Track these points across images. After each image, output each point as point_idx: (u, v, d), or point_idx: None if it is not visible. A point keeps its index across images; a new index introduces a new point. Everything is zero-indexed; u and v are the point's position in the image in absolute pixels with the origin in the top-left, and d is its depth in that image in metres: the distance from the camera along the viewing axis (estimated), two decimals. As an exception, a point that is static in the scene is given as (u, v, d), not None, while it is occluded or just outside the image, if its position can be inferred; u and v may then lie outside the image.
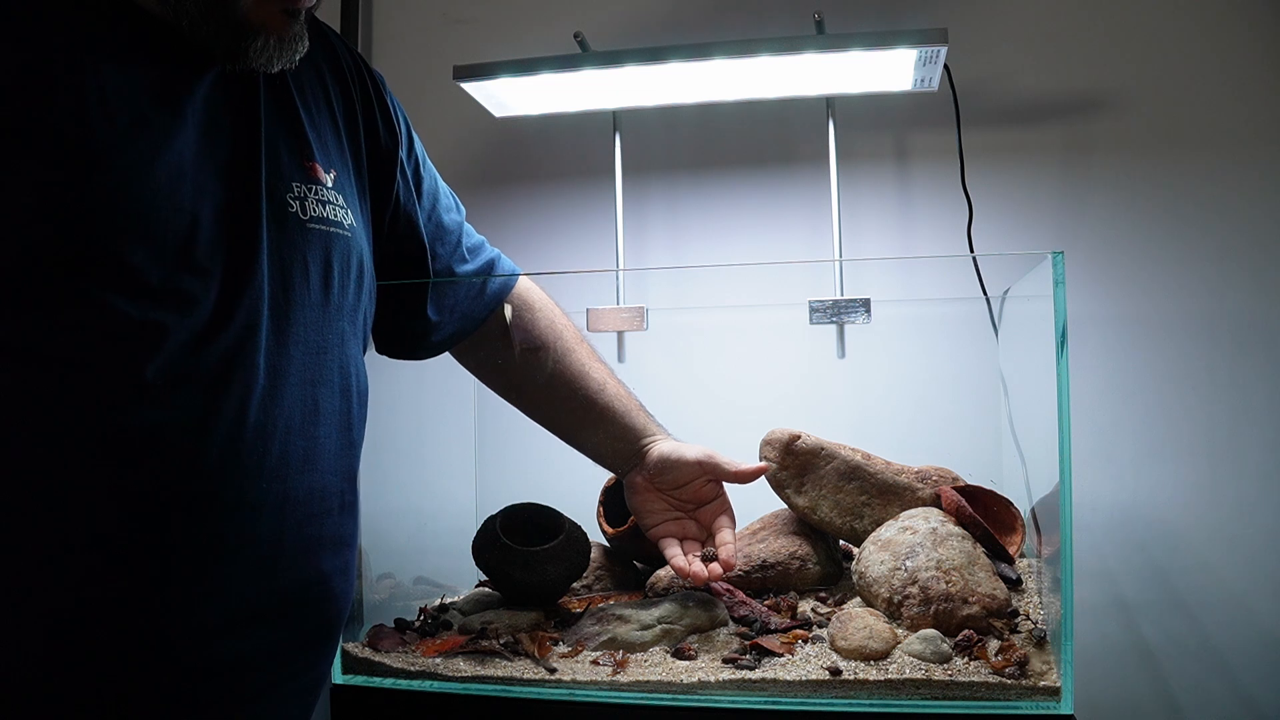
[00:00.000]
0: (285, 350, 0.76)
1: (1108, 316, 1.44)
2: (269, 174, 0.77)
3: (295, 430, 0.76)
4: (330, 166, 0.84)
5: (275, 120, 0.80)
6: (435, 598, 1.19)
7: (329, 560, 0.81)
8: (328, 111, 0.87)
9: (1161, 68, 1.45)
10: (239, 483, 0.71)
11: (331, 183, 0.83)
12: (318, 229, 0.80)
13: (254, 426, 0.72)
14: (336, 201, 0.83)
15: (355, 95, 0.92)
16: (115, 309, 0.65)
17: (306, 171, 0.81)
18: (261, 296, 0.73)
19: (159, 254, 0.67)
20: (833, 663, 0.90)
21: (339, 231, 0.82)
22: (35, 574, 0.64)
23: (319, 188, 0.81)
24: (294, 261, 0.77)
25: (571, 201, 1.64)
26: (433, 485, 1.41)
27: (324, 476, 0.79)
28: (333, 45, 0.92)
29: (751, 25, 1.57)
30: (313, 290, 0.79)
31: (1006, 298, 1.34)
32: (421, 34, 1.74)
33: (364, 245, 0.87)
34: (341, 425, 0.82)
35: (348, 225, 0.83)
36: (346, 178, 0.87)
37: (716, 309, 1.45)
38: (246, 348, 0.72)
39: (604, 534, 1.21)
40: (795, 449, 1.14)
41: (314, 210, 0.80)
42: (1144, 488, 1.41)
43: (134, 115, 0.68)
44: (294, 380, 0.76)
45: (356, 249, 0.85)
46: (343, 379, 0.82)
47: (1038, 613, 0.97)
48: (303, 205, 0.79)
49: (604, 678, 0.93)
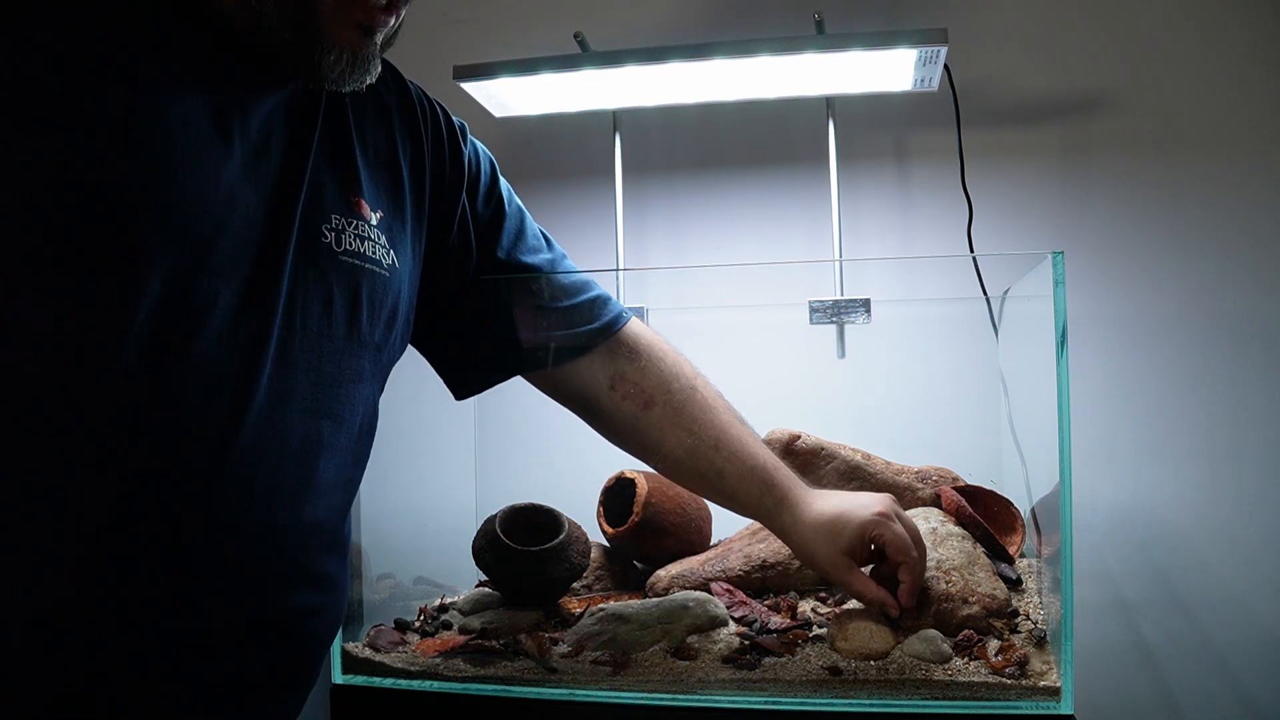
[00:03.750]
0: (292, 375, 0.74)
1: (1108, 316, 1.44)
2: (308, 200, 0.76)
3: (291, 458, 0.74)
4: (379, 206, 0.83)
5: (327, 150, 0.79)
6: (435, 598, 1.19)
7: (308, 598, 0.79)
8: (388, 153, 0.86)
9: (1161, 68, 1.45)
10: (221, 501, 0.70)
11: (376, 221, 0.82)
12: (350, 262, 0.78)
13: (244, 447, 0.70)
14: (378, 240, 0.81)
15: (426, 142, 0.90)
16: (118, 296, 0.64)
17: (351, 206, 0.80)
18: (274, 317, 0.72)
19: (174, 250, 0.66)
20: (833, 663, 0.90)
21: (374, 269, 0.80)
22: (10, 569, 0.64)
23: (361, 223, 0.80)
24: (317, 290, 0.76)
25: (571, 201, 1.64)
26: (433, 485, 1.41)
27: (316, 510, 0.77)
28: (408, 90, 0.91)
29: (751, 25, 1.57)
30: (335, 322, 0.77)
31: (1006, 298, 1.34)
32: (421, 34, 1.74)
33: (403, 288, 0.85)
34: (344, 461, 0.80)
35: (386, 265, 0.82)
36: (398, 221, 0.86)
37: (716, 309, 1.45)
38: (249, 365, 0.71)
39: (604, 534, 1.21)
40: (795, 449, 1.14)
41: (350, 244, 0.79)
42: (1144, 488, 1.41)
43: (184, 115, 0.68)
44: (296, 407, 0.74)
45: (394, 289, 0.83)
46: (353, 415, 0.80)
47: (1038, 613, 0.97)
48: (339, 237, 0.78)
49: (604, 678, 0.93)
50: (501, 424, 1.49)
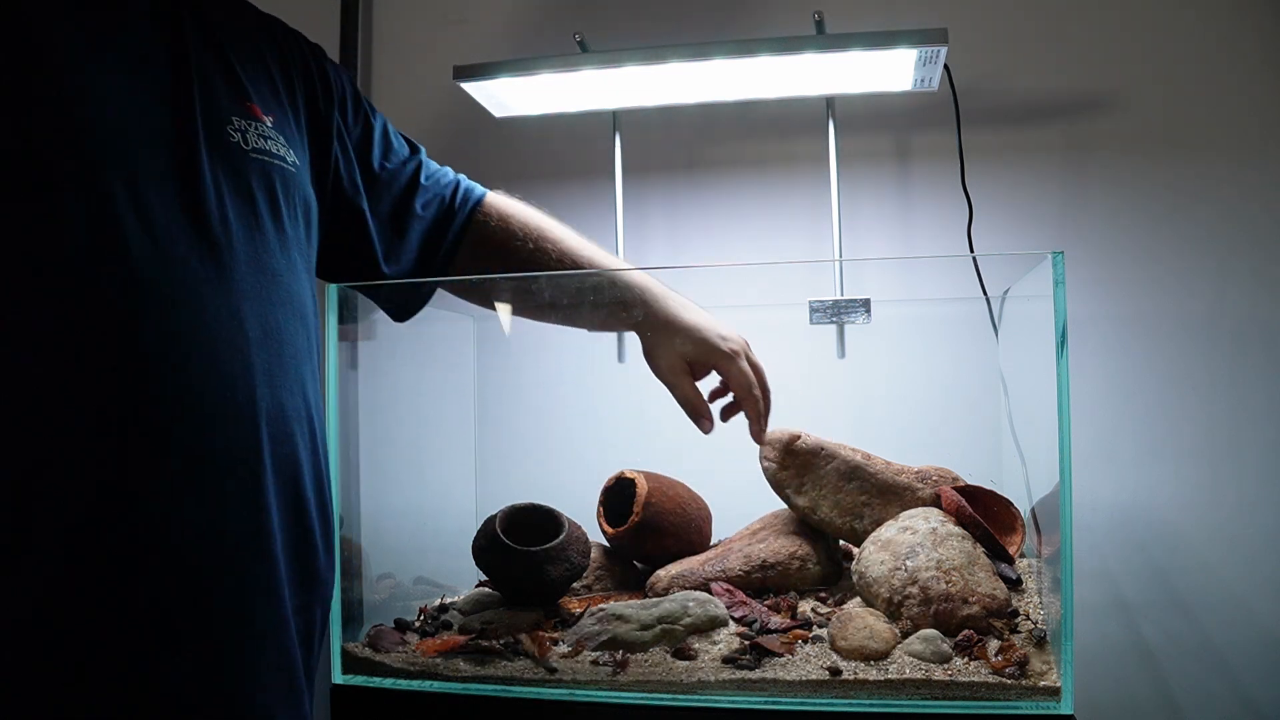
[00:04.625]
0: (238, 269, 0.76)
1: (1108, 316, 1.44)
2: (204, 103, 0.78)
3: (254, 346, 0.76)
4: (268, 111, 0.85)
5: (206, 59, 0.81)
6: (435, 598, 1.19)
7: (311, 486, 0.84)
8: (264, 69, 0.89)
9: (1161, 68, 1.45)
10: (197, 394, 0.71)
11: (271, 124, 0.84)
12: (261, 159, 0.81)
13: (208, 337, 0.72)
14: (277, 139, 0.84)
15: (295, 61, 0.94)
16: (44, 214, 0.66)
17: (246, 109, 0.82)
18: (206, 218, 0.74)
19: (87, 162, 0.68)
20: (833, 663, 0.90)
21: (282, 165, 0.83)
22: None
23: (259, 124, 0.82)
24: (238, 188, 0.78)
25: (571, 201, 1.64)
26: (433, 485, 1.41)
27: (292, 397, 0.79)
28: (264, 15, 0.95)
29: (751, 25, 1.57)
30: (262, 217, 0.79)
31: (1006, 298, 1.34)
32: (421, 34, 1.74)
33: (308, 184, 0.88)
34: (301, 349, 0.82)
35: (290, 161, 0.84)
36: (286, 123, 0.88)
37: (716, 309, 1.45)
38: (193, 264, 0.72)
39: (604, 534, 1.21)
40: (795, 449, 1.14)
41: (256, 143, 0.81)
42: (1144, 488, 1.41)
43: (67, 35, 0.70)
44: (250, 298, 0.76)
45: (302, 184, 0.86)
46: (301, 304, 0.83)
47: (1038, 613, 0.97)
48: (244, 137, 0.80)
49: (604, 678, 0.93)
50: (501, 424, 1.49)
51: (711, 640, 0.98)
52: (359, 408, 1.16)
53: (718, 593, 1.07)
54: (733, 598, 1.06)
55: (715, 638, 0.99)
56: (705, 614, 1.01)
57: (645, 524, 1.17)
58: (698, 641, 0.98)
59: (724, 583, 1.09)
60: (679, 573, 1.13)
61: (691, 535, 1.20)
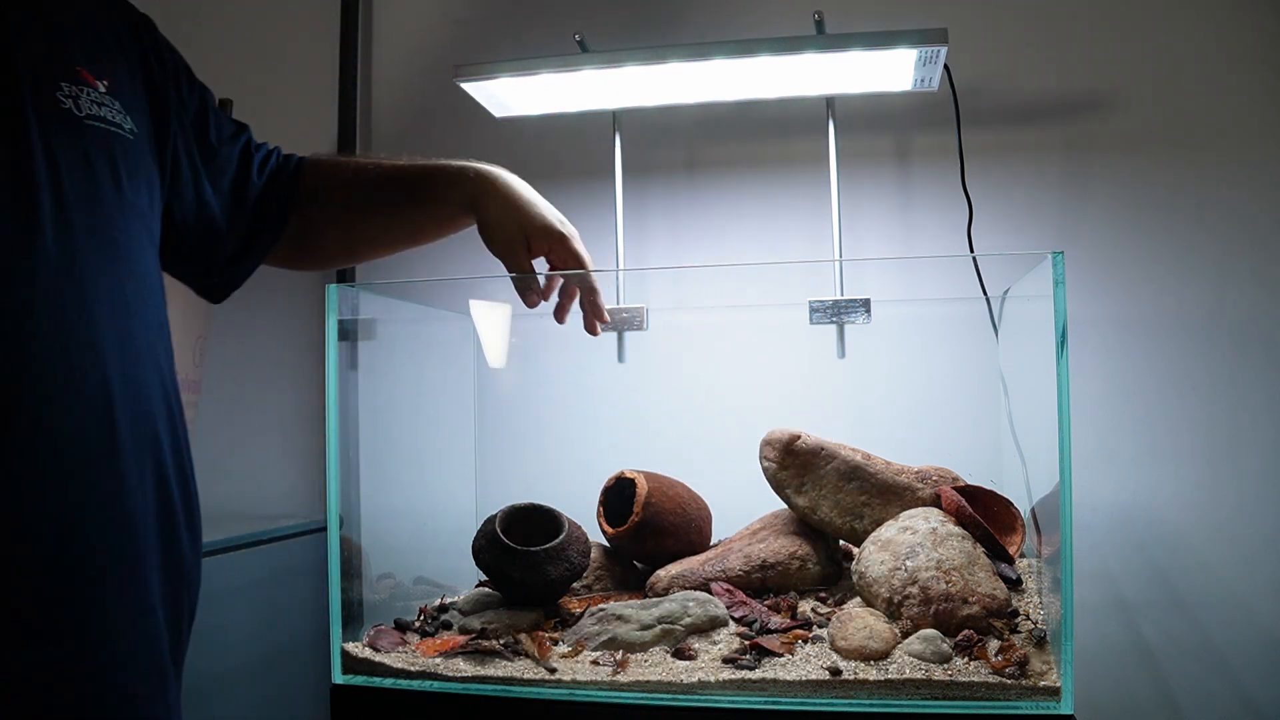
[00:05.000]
0: (78, 240, 0.73)
1: (1108, 316, 1.44)
2: (30, 68, 0.74)
3: (105, 318, 0.73)
4: (103, 75, 0.80)
5: (27, 22, 0.76)
6: (435, 598, 1.19)
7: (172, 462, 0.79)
8: (95, 35, 0.84)
9: (1161, 68, 1.45)
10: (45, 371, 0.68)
11: (105, 89, 0.80)
12: (97, 126, 0.77)
13: (51, 314, 0.69)
14: (113, 105, 0.79)
15: (126, 29, 0.89)
16: None
17: (76, 74, 0.78)
18: (39, 188, 0.70)
19: None
20: (833, 663, 0.90)
21: (120, 132, 0.79)
22: None
23: (91, 90, 0.78)
24: (74, 157, 0.74)
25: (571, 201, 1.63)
26: (433, 485, 1.41)
27: (146, 371, 0.77)
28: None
29: (751, 25, 1.57)
30: (102, 186, 0.76)
31: (1006, 298, 1.34)
32: (421, 34, 1.74)
33: (150, 153, 0.84)
34: (152, 320, 0.80)
35: (128, 129, 0.80)
36: (123, 89, 0.83)
37: (716, 309, 1.45)
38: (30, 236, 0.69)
39: (604, 534, 1.21)
40: (795, 449, 1.14)
41: (91, 109, 0.77)
42: (1144, 488, 1.41)
43: None
44: (94, 271, 0.73)
45: (144, 154, 0.82)
46: (149, 276, 0.80)
47: (1038, 613, 0.97)
48: (77, 103, 0.76)
49: (604, 678, 0.93)
50: (501, 424, 1.49)
51: (711, 640, 0.98)
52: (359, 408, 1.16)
53: (718, 593, 1.07)
54: (733, 598, 1.06)
55: (715, 638, 0.99)
56: (705, 614, 1.01)
57: (645, 524, 1.17)
58: (698, 641, 0.98)
59: (724, 583, 1.09)
60: (679, 573, 1.13)
61: (691, 535, 1.20)
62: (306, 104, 1.76)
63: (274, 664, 1.42)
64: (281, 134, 1.80)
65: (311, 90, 1.76)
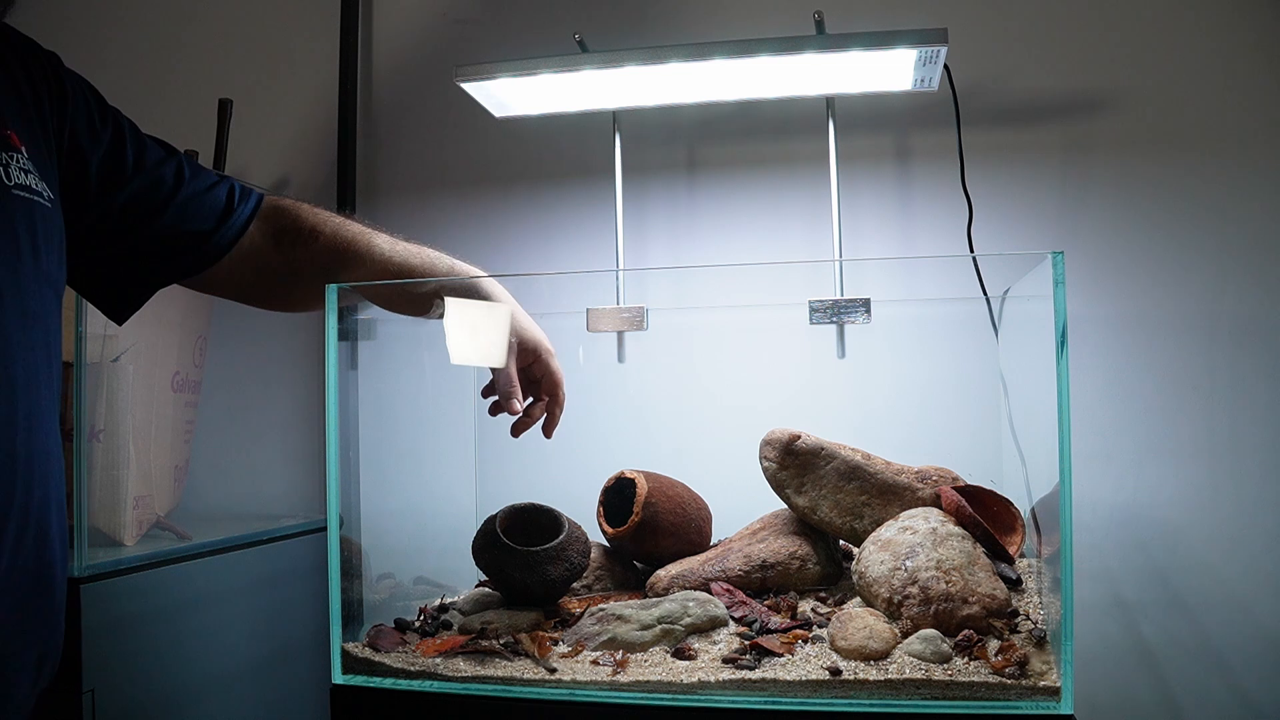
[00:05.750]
0: (3, 313, 0.76)
1: (1108, 316, 1.44)
2: None
3: (20, 391, 0.76)
4: (24, 138, 0.82)
5: None
6: (435, 598, 1.19)
7: (56, 523, 0.82)
8: (15, 88, 0.85)
9: (1161, 68, 1.45)
10: None
11: (28, 154, 0.82)
12: (23, 196, 0.79)
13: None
14: (34, 172, 0.81)
15: (38, 74, 0.89)
16: None
17: (6, 138, 0.79)
18: None
19: None
20: (833, 663, 0.90)
21: (40, 201, 0.81)
22: None
23: (18, 155, 0.80)
24: (2, 228, 0.76)
25: (571, 201, 1.64)
26: (433, 485, 1.41)
27: (47, 439, 0.80)
28: (4, 28, 0.90)
29: (751, 25, 1.57)
30: (23, 257, 0.78)
31: (1006, 298, 1.34)
32: (421, 34, 1.74)
33: (60, 218, 0.86)
34: (54, 391, 0.83)
35: (46, 197, 0.82)
36: (39, 149, 0.85)
37: (716, 309, 1.45)
38: None
39: (604, 534, 1.21)
40: (795, 449, 1.14)
41: (18, 178, 0.79)
42: (1144, 488, 1.41)
43: None
44: (15, 342, 0.77)
45: (57, 222, 0.84)
46: (56, 346, 0.83)
47: (1038, 613, 0.97)
48: (6, 171, 0.78)
49: (604, 678, 0.93)
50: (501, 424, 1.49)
51: (711, 640, 0.98)
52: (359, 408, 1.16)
53: (718, 593, 1.07)
54: (733, 598, 1.06)
55: (715, 638, 0.99)
56: (705, 614, 1.01)
57: (645, 524, 1.17)
58: (698, 641, 0.98)
59: (724, 583, 1.09)
60: (679, 573, 1.13)
61: (691, 535, 1.20)
62: (306, 104, 1.77)
63: (274, 664, 1.42)
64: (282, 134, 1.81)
65: (311, 90, 1.76)
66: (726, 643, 0.98)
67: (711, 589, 1.08)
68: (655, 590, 1.13)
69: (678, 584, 1.11)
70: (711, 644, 0.98)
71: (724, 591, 1.07)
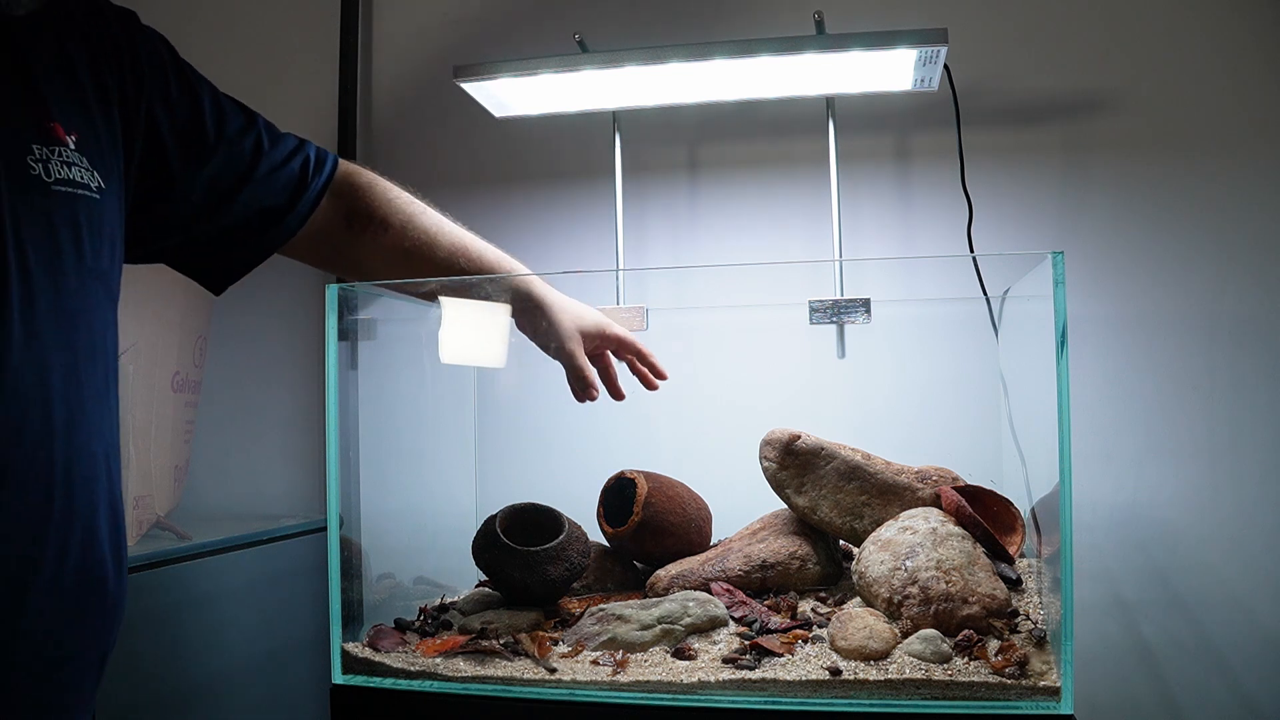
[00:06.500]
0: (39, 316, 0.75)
1: (1108, 316, 1.44)
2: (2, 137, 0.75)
3: (58, 396, 0.75)
4: (73, 128, 0.81)
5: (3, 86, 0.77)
6: (435, 598, 1.19)
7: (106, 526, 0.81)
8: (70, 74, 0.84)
9: (1161, 68, 1.45)
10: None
11: (74, 144, 0.81)
12: (64, 191, 0.78)
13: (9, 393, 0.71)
14: (81, 164, 0.81)
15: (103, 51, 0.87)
16: None
17: (48, 132, 0.79)
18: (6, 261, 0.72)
19: None
20: (833, 663, 0.90)
21: (86, 194, 0.80)
22: None
23: (62, 149, 0.79)
24: (40, 226, 0.76)
25: (571, 201, 1.64)
26: (433, 485, 1.41)
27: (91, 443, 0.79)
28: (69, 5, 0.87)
29: (751, 25, 1.57)
30: (64, 255, 0.77)
31: (1006, 298, 1.34)
32: (421, 34, 1.74)
33: (115, 207, 0.85)
34: (101, 389, 0.82)
35: (94, 187, 0.81)
36: (92, 137, 0.84)
37: (716, 309, 1.45)
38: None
39: (604, 534, 1.21)
40: (795, 449, 1.14)
41: (60, 173, 0.78)
42: (1144, 488, 1.41)
43: None
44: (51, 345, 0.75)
45: (108, 211, 0.83)
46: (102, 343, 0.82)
47: (1038, 613, 0.97)
48: (46, 168, 0.77)
49: (604, 678, 0.93)
50: (501, 424, 1.49)
51: (711, 640, 0.98)
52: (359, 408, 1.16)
53: (718, 593, 1.07)
54: (733, 598, 1.06)
55: (715, 638, 0.99)
56: (705, 614, 1.01)
57: (645, 524, 1.17)
58: (698, 641, 0.98)
59: (724, 583, 1.09)
60: (679, 573, 1.13)
61: (691, 535, 1.20)
62: (306, 104, 1.76)
63: (274, 664, 1.42)
64: (281, 134, 1.80)
65: (311, 90, 1.76)
66: (726, 643, 0.98)
67: (711, 589, 1.08)
68: (655, 590, 1.13)
69: (678, 584, 1.11)
70: (711, 644, 0.98)
71: (724, 591, 1.07)
